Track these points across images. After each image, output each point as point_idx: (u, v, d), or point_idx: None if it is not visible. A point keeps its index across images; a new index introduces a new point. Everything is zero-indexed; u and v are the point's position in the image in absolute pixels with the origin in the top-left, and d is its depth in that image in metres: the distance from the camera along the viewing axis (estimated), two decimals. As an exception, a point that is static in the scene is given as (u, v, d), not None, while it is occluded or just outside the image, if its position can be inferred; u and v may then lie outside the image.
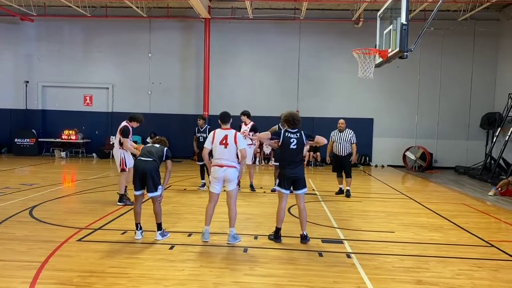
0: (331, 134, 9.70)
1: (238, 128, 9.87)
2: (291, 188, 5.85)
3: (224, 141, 5.72)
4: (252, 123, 9.88)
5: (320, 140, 6.06)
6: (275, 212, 5.97)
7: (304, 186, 5.89)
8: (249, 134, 9.88)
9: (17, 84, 17.51)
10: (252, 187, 9.97)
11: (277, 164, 9.40)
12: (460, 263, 5.22)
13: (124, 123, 7.97)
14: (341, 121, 9.69)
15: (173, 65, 17.28)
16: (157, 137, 6.38)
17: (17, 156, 16.78)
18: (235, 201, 5.80)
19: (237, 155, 5.80)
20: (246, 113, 9.86)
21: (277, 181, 5.91)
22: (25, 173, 12.58)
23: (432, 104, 16.64)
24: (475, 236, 6.48)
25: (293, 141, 5.77)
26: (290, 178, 5.77)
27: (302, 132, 5.90)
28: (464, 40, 16.30)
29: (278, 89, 16.93)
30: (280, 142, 5.81)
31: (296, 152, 5.80)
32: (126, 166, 7.88)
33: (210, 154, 5.93)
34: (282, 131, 5.91)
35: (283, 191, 5.80)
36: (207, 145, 5.86)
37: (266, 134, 6.26)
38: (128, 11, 16.42)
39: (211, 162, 5.88)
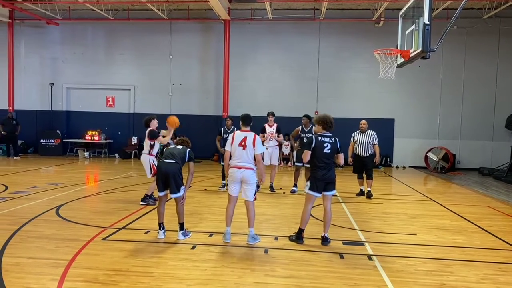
0: (353, 135, 9.66)
1: (261, 130, 10.02)
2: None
3: (242, 143, 5.76)
4: (276, 124, 10.04)
5: (340, 159, 5.97)
6: (295, 213, 6.01)
7: (334, 188, 5.90)
8: (275, 135, 10.02)
9: (42, 86, 18.01)
10: (271, 188, 10.00)
11: (300, 164, 9.46)
12: (485, 267, 5.13)
13: (148, 129, 8.12)
14: (363, 121, 9.61)
15: (193, 67, 17.48)
16: (180, 137, 6.43)
17: (42, 156, 17.25)
18: (253, 202, 5.85)
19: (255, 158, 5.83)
20: (273, 114, 10.02)
21: (308, 184, 5.85)
22: (50, 173, 12.93)
23: (455, 104, 16.31)
24: (500, 240, 6.35)
25: (327, 145, 5.76)
26: (323, 181, 5.76)
27: (336, 138, 5.88)
28: (489, 39, 15.92)
29: (298, 90, 16.90)
30: (311, 147, 5.78)
31: (329, 156, 5.79)
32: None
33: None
34: (314, 136, 5.91)
35: (314, 194, 5.79)
36: (227, 148, 5.92)
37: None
38: (149, 13, 16.69)
39: (229, 165, 5.91)
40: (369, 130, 9.47)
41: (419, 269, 4.98)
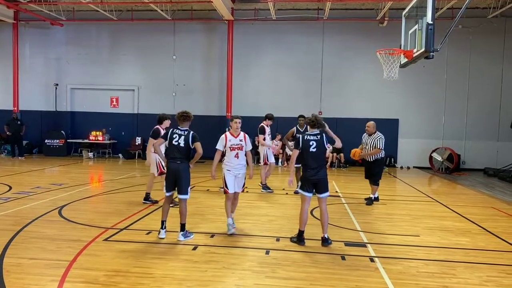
0: (363, 137, 8.96)
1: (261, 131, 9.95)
2: (314, 191, 5.83)
3: None
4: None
5: (337, 142, 6.26)
6: (297, 214, 5.96)
7: (326, 189, 5.84)
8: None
9: (47, 87, 18.12)
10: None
11: (299, 165, 9.36)
12: (488, 269, 5.07)
13: (155, 127, 8.05)
14: (368, 123, 8.85)
15: (197, 67, 17.49)
16: (180, 112, 6.08)
17: (47, 156, 17.34)
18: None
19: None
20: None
21: (299, 183, 5.89)
22: (54, 173, 12.98)
23: (460, 104, 16.20)
24: (505, 242, 6.28)
25: (313, 143, 5.76)
26: (312, 181, 5.75)
27: (323, 134, 5.88)
28: (494, 38, 15.80)
29: (301, 90, 16.86)
30: (299, 146, 5.80)
31: (316, 155, 5.77)
32: (164, 168, 7.89)
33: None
34: (301, 135, 5.90)
35: (306, 194, 5.80)
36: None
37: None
38: (153, 14, 16.71)
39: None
40: (376, 133, 8.64)
41: (421, 271, 4.93)
